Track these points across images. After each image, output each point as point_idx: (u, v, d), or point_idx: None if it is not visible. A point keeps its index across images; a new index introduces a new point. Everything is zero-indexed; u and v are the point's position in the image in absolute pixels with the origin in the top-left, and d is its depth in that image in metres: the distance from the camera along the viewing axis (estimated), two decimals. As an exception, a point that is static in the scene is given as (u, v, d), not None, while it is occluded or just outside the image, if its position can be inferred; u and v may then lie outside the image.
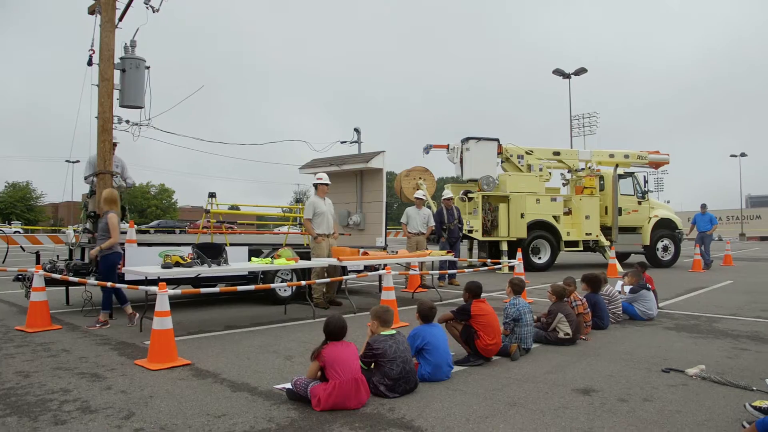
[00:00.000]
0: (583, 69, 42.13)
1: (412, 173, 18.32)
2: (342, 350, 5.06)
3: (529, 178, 19.80)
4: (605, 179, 20.78)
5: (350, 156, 15.32)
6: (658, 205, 22.45)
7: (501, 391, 5.54)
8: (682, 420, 4.75)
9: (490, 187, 18.92)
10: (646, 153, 22.38)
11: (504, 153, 20.11)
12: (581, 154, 21.68)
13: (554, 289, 7.93)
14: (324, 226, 11.09)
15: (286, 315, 9.95)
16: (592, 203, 19.94)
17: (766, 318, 9.86)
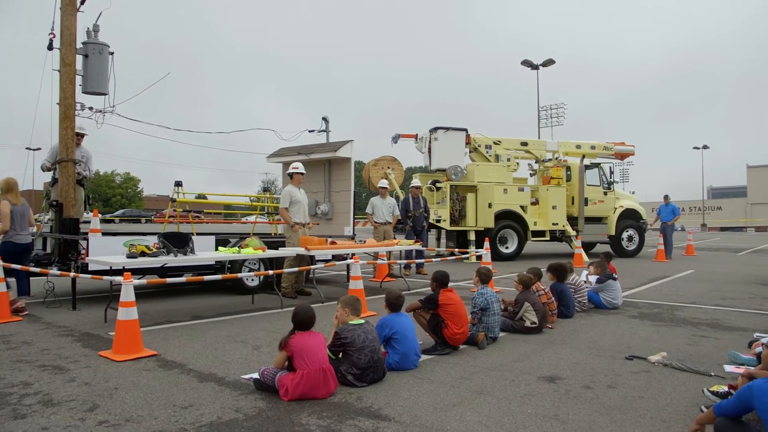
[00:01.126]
0: (551, 60, 42.47)
1: (381, 162, 18.29)
2: (310, 340, 5.04)
3: (497, 168, 19.92)
4: (572, 170, 21.00)
5: (318, 145, 15.24)
6: (624, 196, 22.78)
7: (468, 379, 5.58)
8: (644, 405, 4.85)
9: (458, 177, 19.00)
10: (612, 144, 22.65)
11: (472, 143, 20.18)
12: (548, 144, 21.87)
13: (521, 278, 8.00)
14: (300, 215, 11.04)
15: (253, 305, 9.89)
16: (558, 193, 20.15)
17: (726, 306, 10.10)
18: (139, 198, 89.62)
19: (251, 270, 11.01)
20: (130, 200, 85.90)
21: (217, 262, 10.76)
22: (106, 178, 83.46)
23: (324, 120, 27.98)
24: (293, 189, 11.02)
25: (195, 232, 11.19)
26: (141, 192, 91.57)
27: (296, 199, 10.96)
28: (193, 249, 8.81)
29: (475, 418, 4.52)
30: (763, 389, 3.52)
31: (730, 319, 8.85)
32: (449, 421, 4.43)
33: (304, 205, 11.11)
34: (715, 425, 3.84)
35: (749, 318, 8.97)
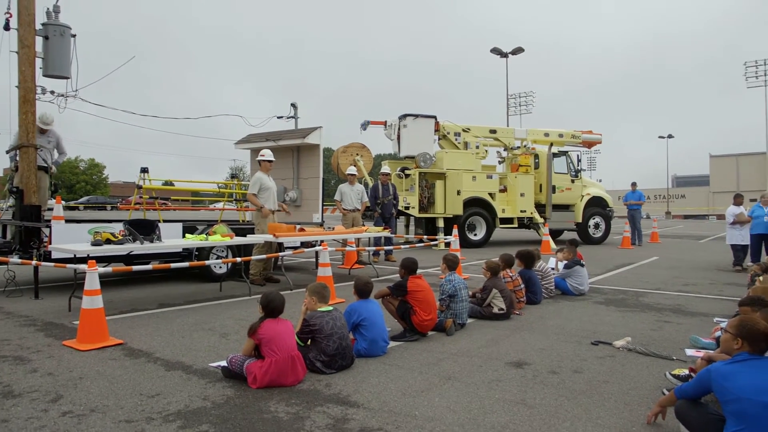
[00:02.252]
0: (521, 48, 42.65)
1: (350, 149, 18.23)
2: (278, 327, 5.02)
3: (466, 155, 19.98)
4: (540, 157, 21.15)
5: (287, 131, 15.14)
6: (591, 184, 23.06)
7: (436, 365, 5.62)
8: (608, 389, 4.94)
9: (427, 164, 19.02)
10: (580, 132, 22.86)
11: (441, 130, 20.20)
12: (517, 132, 21.98)
13: (489, 265, 8.06)
14: (270, 201, 10.95)
15: (221, 292, 9.82)
16: (526, 181, 20.29)
17: (688, 292, 10.31)
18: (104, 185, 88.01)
19: (219, 257, 10.92)
20: (95, 187, 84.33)
21: (185, 250, 10.66)
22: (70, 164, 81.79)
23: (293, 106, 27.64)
24: (263, 176, 10.93)
25: (162, 219, 11.05)
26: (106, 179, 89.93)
27: (266, 186, 10.87)
28: (160, 236, 8.70)
29: (443, 403, 4.56)
30: (720, 372, 3.61)
31: (692, 304, 9.05)
32: (417, 407, 4.46)
33: (273, 192, 11.03)
34: (675, 407, 3.93)
35: (710, 303, 9.17)
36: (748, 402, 3.42)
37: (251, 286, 9.76)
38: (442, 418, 4.23)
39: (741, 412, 3.44)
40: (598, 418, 4.29)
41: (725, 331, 3.87)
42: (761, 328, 3.65)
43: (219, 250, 10.99)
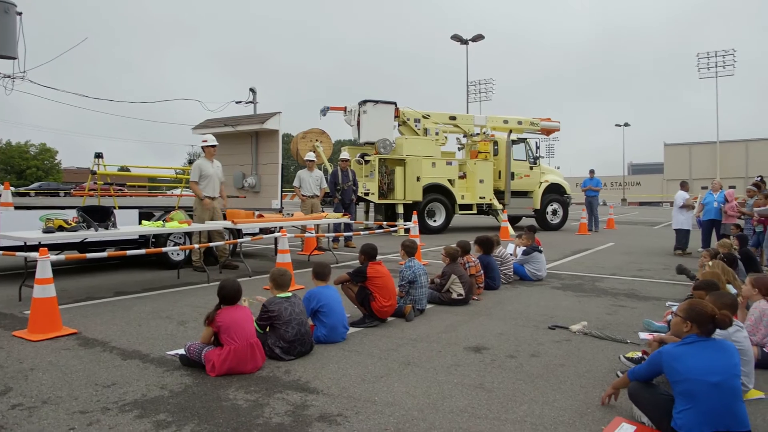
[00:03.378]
0: (481, 36, 42.80)
1: (309, 135, 18.10)
2: (236, 314, 4.98)
3: (426, 141, 20.02)
4: (499, 144, 21.32)
5: (245, 117, 14.93)
6: (549, 171, 23.33)
7: (396, 351, 5.65)
8: (565, 373, 5.03)
9: (386, 150, 19.02)
10: (539, 120, 23.09)
11: (401, 116, 20.20)
12: (476, 119, 22.09)
13: (447, 251, 8.11)
14: (210, 189, 10.80)
15: (179, 279, 9.69)
16: (486, 167, 20.44)
17: (642, 277, 10.56)
18: (56, 170, 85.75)
19: (176, 244, 10.77)
20: (46, 173, 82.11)
21: (141, 237, 10.47)
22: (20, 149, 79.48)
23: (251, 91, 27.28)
24: (204, 162, 10.78)
25: (117, 206, 10.83)
26: (59, 164, 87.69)
27: (206, 173, 10.72)
28: (115, 223, 8.53)
29: (403, 388, 4.59)
30: (671, 354, 3.72)
31: (645, 289, 9.26)
32: (377, 392, 4.48)
33: (215, 179, 10.88)
34: (628, 389, 4.04)
35: (663, 288, 9.40)
36: (696, 382, 3.53)
37: (209, 274, 9.65)
38: (401, 403, 4.26)
39: (689, 391, 3.55)
40: (555, 400, 4.37)
41: (675, 315, 3.98)
42: (708, 311, 3.76)
43: (177, 236, 10.83)
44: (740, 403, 3.60)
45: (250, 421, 3.90)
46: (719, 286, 5.43)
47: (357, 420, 3.95)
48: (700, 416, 3.49)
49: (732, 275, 6.61)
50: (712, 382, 3.51)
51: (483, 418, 4.02)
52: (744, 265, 8.73)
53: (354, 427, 3.83)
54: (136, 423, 3.86)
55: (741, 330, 4.63)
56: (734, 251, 9.06)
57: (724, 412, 3.49)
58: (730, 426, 3.48)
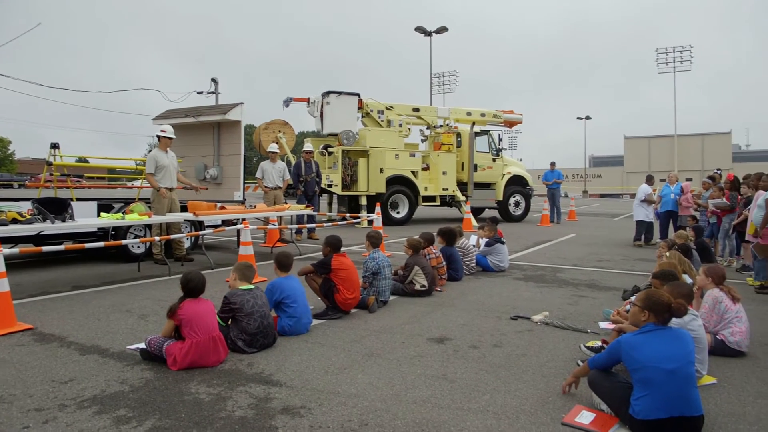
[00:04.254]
0: (445, 28, 42.84)
1: (272, 126, 17.96)
2: (199, 307, 4.92)
3: (389, 133, 20.01)
4: (462, 136, 21.41)
5: (207, 107, 14.76)
6: (511, 163, 23.54)
7: (359, 342, 5.66)
8: (527, 362, 5.10)
9: (350, 142, 18.97)
10: (501, 112, 23.26)
11: (364, 108, 20.16)
12: (440, 111, 22.16)
13: (410, 242, 8.14)
14: (167, 180, 10.65)
15: (139, 272, 9.55)
16: (449, 159, 20.52)
17: (602, 267, 10.74)
18: (10, 161, 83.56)
19: (137, 236, 10.60)
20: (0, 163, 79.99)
21: (100, 229, 10.28)
22: (-30, 139, 77.24)
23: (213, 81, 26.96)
24: (159, 153, 10.63)
25: (74, 198, 10.61)
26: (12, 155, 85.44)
27: (162, 164, 10.56)
28: (73, 215, 8.36)
29: (366, 379, 4.59)
30: (629, 343, 3.81)
31: (606, 279, 9.43)
32: (340, 384, 4.48)
33: (171, 169, 10.73)
34: (588, 377, 4.11)
35: (622, 278, 9.58)
36: (653, 369, 3.62)
37: (170, 266, 9.53)
38: (364, 395, 4.26)
39: (647, 379, 3.64)
40: (517, 390, 4.43)
41: (633, 305, 4.06)
42: (665, 300, 3.85)
43: (137, 229, 10.66)
44: (694, 389, 3.70)
45: (213, 415, 3.87)
46: (676, 276, 5.56)
47: (320, 412, 3.95)
48: (657, 402, 3.58)
49: (688, 265, 6.76)
50: (668, 370, 3.60)
51: (446, 408, 4.05)
52: (699, 255, 8.95)
53: (317, 420, 3.82)
54: (95, 419, 3.79)
55: (696, 318, 4.75)
56: (690, 242, 9.27)
57: (679, 397, 3.59)
58: (684, 411, 3.58)
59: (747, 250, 10.39)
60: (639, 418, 3.63)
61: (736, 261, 11.07)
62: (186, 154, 13.81)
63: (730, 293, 5.54)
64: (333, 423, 3.78)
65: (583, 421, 3.83)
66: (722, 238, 11.45)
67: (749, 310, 6.26)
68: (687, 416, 3.58)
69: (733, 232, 11.02)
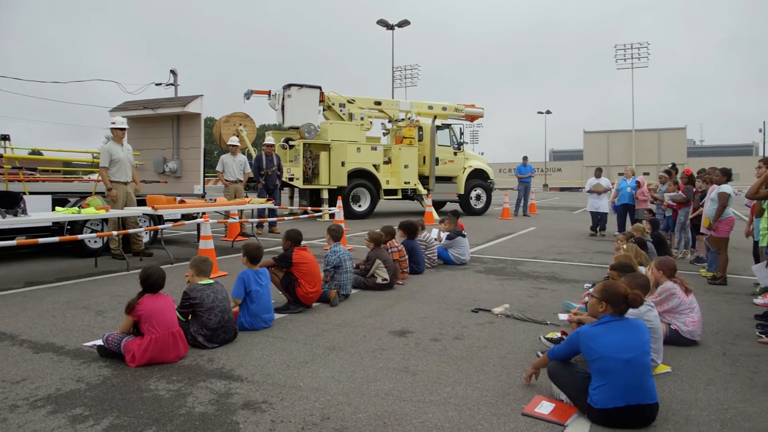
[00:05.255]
0: (407, 21, 42.87)
1: (232, 119, 17.77)
2: (158, 303, 4.84)
3: (351, 126, 19.95)
4: (424, 130, 21.47)
5: (166, 99, 14.54)
6: (473, 156, 23.69)
7: (320, 336, 5.64)
8: (487, 354, 5.14)
9: (311, 135, 18.86)
10: (463, 106, 23.37)
11: (326, 101, 20.06)
12: (402, 104, 22.18)
13: (372, 236, 8.14)
14: (121, 173, 10.47)
15: (97, 268, 9.36)
16: (411, 153, 20.55)
17: (562, 260, 10.90)
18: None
19: (93, 231, 10.39)
20: (-52, 156, 77.56)
21: (55, 224, 10.04)
22: None
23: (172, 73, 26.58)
24: (113, 146, 10.44)
25: (27, 191, 10.34)
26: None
27: (117, 158, 10.38)
28: (26, 209, 8.15)
29: (328, 373, 4.59)
30: (587, 334, 3.88)
31: (565, 272, 9.57)
32: (302, 378, 4.46)
33: (125, 163, 10.55)
34: (548, 368, 4.17)
35: (581, 270, 9.74)
36: (611, 360, 3.70)
37: (129, 261, 9.36)
38: (326, 388, 4.26)
39: (604, 369, 3.71)
40: (478, 381, 4.46)
41: (592, 296, 4.13)
42: (621, 292, 3.94)
43: (94, 223, 10.45)
44: (650, 378, 3.80)
45: (173, 411, 3.81)
46: (633, 267, 5.68)
47: (282, 407, 3.93)
48: (614, 391, 3.65)
49: (644, 258, 6.90)
50: (625, 359, 3.68)
51: (408, 400, 4.07)
52: (655, 247, 9.13)
53: (279, 414, 3.80)
54: (49, 420, 3.70)
55: (652, 309, 4.85)
56: (647, 235, 9.46)
57: (636, 386, 3.67)
58: (640, 399, 3.66)
59: (701, 243, 10.67)
60: (597, 408, 3.70)
61: (691, 253, 11.34)
62: (145, 147, 13.58)
63: (682, 285, 5.68)
64: (295, 417, 3.76)
65: (542, 412, 3.89)
66: (678, 230, 11.71)
67: (702, 300, 6.44)
68: (643, 404, 3.67)
69: (689, 225, 11.30)
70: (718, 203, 8.71)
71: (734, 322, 6.43)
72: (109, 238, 10.10)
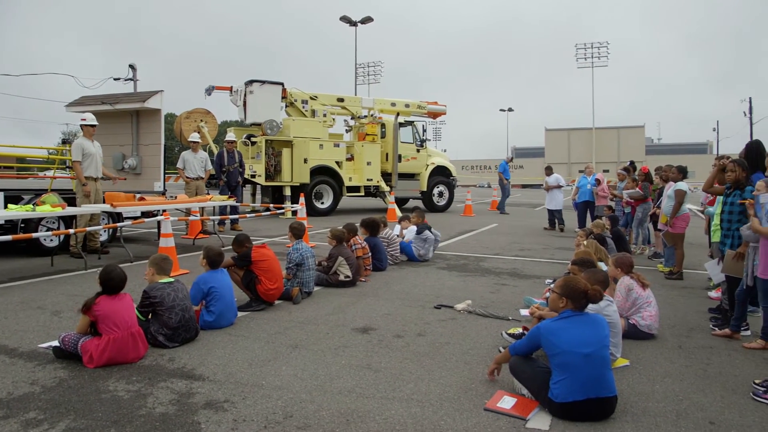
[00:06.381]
0: (370, 18, 42.81)
1: (193, 115, 17.54)
2: (116, 303, 4.74)
3: (313, 123, 19.86)
4: (386, 127, 21.47)
5: (125, 95, 14.27)
6: (435, 153, 23.79)
7: (283, 334, 5.61)
8: (450, 350, 5.18)
9: (273, 132, 18.72)
10: (426, 103, 23.43)
11: (288, 97, 19.93)
12: (364, 101, 22.14)
13: (334, 233, 8.11)
14: (92, 168, 10.31)
15: (53, 267, 9.15)
16: (373, 150, 20.55)
17: (524, 256, 11.02)
18: None
19: (49, 229, 10.15)
20: None
21: (8, 222, 9.77)
22: None
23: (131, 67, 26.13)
24: (85, 141, 10.29)
25: (-23, 189, 10.06)
26: None
27: (89, 152, 10.25)
28: (-23, 207, 7.92)
29: (291, 371, 4.56)
30: (548, 329, 3.93)
31: (527, 268, 9.68)
32: (264, 376, 4.43)
33: (97, 158, 10.40)
34: (509, 363, 4.21)
35: (543, 266, 9.86)
36: (571, 354, 3.76)
37: (87, 260, 9.17)
38: (289, 386, 4.23)
39: (565, 363, 3.77)
40: (440, 377, 4.49)
41: (553, 291, 4.18)
42: (581, 287, 3.99)
43: (49, 221, 10.21)
44: (609, 371, 3.87)
45: (132, 413, 3.75)
46: (594, 263, 5.77)
47: (244, 405, 3.89)
48: (574, 385, 3.71)
49: (604, 253, 7.02)
50: (585, 354, 3.74)
51: (370, 397, 4.07)
52: (614, 243, 9.30)
53: (241, 413, 3.77)
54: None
55: (611, 304, 4.94)
56: (606, 231, 9.62)
57: (595, 380, 3.74)
58: (600, 392, 3.73)
59: (658, 239, 10.90)
60: (558, 401, 3.75)
61: (648, 249, 11.58)
62: (103, 143, 13.25)
63: (639, 280, 5.81)
64: (257, 416, 3.73)
65: (504, 406, 3.92)
66: (636, 227, 11.93)
67: (659, 295, 6.57)
68: (602, 397, 3.74)
69: (649, 222, 11.54)
70: (675, 200, 8.91)
71: (690, 316, 6.59)
72: (68, 236, 9.87)
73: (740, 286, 5.62)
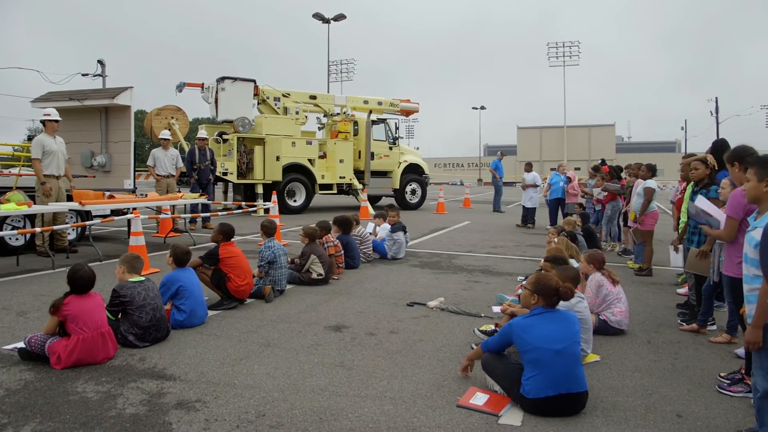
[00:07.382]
0: (342, 15, 42.74)
1: (164, 112, 17.34)
2: (86, 303, 4.66)
3: (286, 120, 19.77)
4: (359, 124, 21.47)
5: (93, 91, 14.03)
6: (408, 151, 23.86)
7: (255, 332, 5.58)
8: (423, 348, 5.19)
9: (245, 129, 18.60)
10: (398, 101, 23.46)
11: (261, 95, 19.81)
12: (337, 99, 22.08)
13: (306, 231, 8.08)
14: (54, 166, 10.12)
15: (18, 266, 8.98)
16: (346, 147, 20.54)
17: (496, 253, 11.08)
18: None
19: (14, 228, 9.95)
20: None
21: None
22: None
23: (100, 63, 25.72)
24: (46, 138, 10.11)
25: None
26: None
27: (50, 149, 10.05)
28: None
29: (263, 370, 4.53)
30: (520, 325, 3.96)
31: (499, 265, 9.74)
32: (237, 376, 4.40)
33: (59, 155, 10.22)
34: (482, 360, 4.24)
35: (515, 263, 9.93)
36: (542, 350, 3.79)
37: (54, 259, 9.02)
38: (261, 385, 4.21)
39: (536, 359, 3.80)
40: (413, 375, 4.50)
41: (524, 288, 4.22)
42: (553, 284, 4.03)
43: (15, 220, 10.01)
44: (580, 367, 3.92)
45: (101, 414, 3.69)
46: (566, 260, 5.83)
47: (216, 405, 3.86)
48: (546, 381, 3.74)
49: (575, 250, 7.09)
50: (556, 350, 3.78)
51: (343, 395, 4.06)
52: (585, 240, 9.40)
53: (213, 413, 3.74)
54: (-33, 425, 3.53)
55: (582, 300, 4.99)
56: (578, 228, 9.72)
57: (566, 376, 3.77)
58: (571, 388, 3.77)
59: (628, 236, 11.05)
60: (530, 398, 3.78)
61: (618, 246, 11.73)
62: (71, 140, 13.06)
63: (610, 276, 5.88)
64: (229, 415, 3.70)
65: (477, 403, 3.94)
66: (605, 224, 12.08)
67: (629, 291, 6.66)
68: (573, 393, 3.78)
69: (620, 219, 11.69)
70: (644, 198, 9.04)
71: (658, 311, 6.69)
72: (35, 235, 9.70)
73: (707, 282, 5.72)
